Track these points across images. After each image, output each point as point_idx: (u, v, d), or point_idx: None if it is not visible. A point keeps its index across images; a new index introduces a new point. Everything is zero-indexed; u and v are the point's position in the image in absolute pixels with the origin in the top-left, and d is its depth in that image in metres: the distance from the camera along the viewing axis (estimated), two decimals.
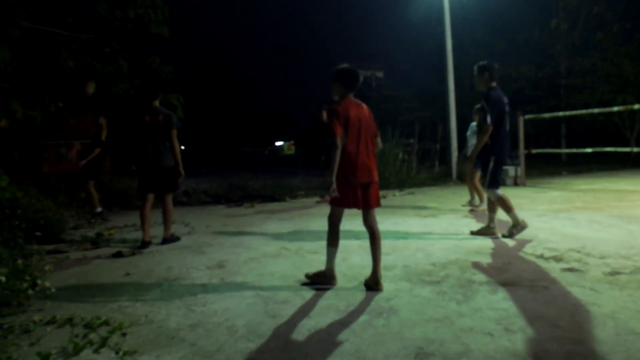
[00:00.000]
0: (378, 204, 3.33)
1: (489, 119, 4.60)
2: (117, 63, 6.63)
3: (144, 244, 4.94)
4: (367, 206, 3.28)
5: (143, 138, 4.97)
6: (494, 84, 4.76)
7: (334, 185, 3.10)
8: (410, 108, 16.83)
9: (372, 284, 3.25)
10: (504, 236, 4.82)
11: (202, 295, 3.27)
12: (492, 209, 4.96)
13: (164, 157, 5.03)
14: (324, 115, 8.34)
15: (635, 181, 10.47)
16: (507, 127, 4.77)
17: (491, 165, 4.73)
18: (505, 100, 4.74)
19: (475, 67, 4.91)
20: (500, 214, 5.00)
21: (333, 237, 3.35)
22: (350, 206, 3.25)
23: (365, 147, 3.24)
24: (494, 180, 4.76)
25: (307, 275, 3.49)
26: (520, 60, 22.32)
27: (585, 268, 3.55)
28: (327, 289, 3.25)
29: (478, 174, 7.05)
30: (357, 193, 3.22)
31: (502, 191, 4.81)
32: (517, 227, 4.76)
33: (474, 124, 7.48)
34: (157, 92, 5.11)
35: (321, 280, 3.35)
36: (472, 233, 5.04)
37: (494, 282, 3.30)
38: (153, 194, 5.13)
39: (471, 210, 6.75)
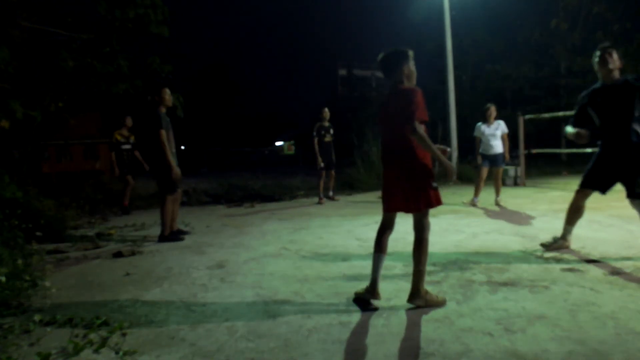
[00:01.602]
0: (414, 209, 2.87)
1: None
2: (117, 63, 6.62)
3: (171, 234, 5.37)
4: (404, 209, 2.91)
5: (147, 139, 5.32)
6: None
7: None
8: None
9: (410, 297, 2.87)
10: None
11: (202, 295, 3.27)
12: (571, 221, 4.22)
13: (153, 158, 5.28)
14: (326, 113, 8.45)
15: None
16: None
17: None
18: None
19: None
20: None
21: (375, 241, 2.99)
22: (384, 208, 2.97)
23: (395, 141, 2.87)
24: None
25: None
26: (520, 60, 22.31)
27: (585, 268, 3.55)
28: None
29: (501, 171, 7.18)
30: (391, 193, 2.92)
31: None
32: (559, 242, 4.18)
33: (479, 124, 7.30)
34: (158, 97, 5.33)
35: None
36: (544, 246, 4.24)
37: (494, 282, 3.29)
38: (179, 188, 5.52)
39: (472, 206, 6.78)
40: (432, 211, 3.01)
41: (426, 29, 22.72)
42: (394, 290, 3.18)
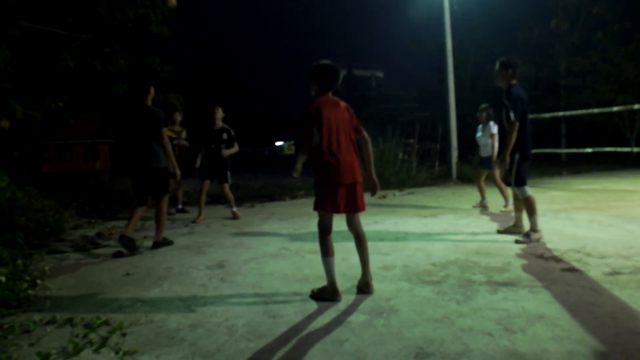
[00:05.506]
0: (362, 208, 3.10)
1: (512, 115, 4.53)
2: (117, 63, 6.62)
3: (120, 238, 4.67)
4: (351, 209, 3.08)
5: (131, 139, 4.85)
6: (514, 81, 4.74)
7: (298, 168, 3.10)
8: (410, 108, 16.84)
9: (363, 287, 3.15)
10: (517, 242, 4.55)
11: (202, 295, 3.27)
12: (518, 209, 4.93)
13: (152, 159, 4.83)
14: (217, 115, 8.05)
15: (635, 181, 10.46)
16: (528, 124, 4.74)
17: (516, 162, 4.69)
18: (526, 97, 4.73)
19: (498, 63, 4.83)
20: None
21: (324, 246, 3.07)
22: (333, 209, 3.01)
23: (345, 146, 3.06)
24: (520, 178, 4.71)
25: (312, 292, 3.17)
26: (520, 60, 22.29)
27: (585, 268, 3.55)
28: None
29: (485, 174, 6.94)
30: (340, 195, 3.01)
31: (531, 192, 4.73)
32: (534, 234, 4.58)
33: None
34: (146, 90, 4.92)
35: (325, 296, 3.06)
36: (499, 232, 5.06)
37: (494, 282, 3.30)
38: (150, 197, 4.96)
39: (482, 210, 6.65)
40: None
41: (426, 29, 22.69)
42: (394, 290, 3.18)
